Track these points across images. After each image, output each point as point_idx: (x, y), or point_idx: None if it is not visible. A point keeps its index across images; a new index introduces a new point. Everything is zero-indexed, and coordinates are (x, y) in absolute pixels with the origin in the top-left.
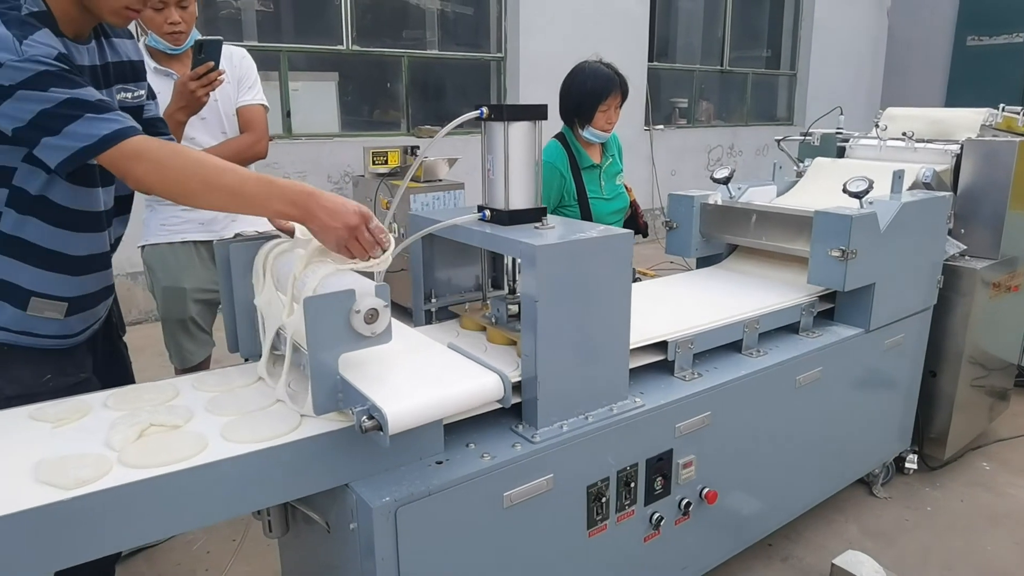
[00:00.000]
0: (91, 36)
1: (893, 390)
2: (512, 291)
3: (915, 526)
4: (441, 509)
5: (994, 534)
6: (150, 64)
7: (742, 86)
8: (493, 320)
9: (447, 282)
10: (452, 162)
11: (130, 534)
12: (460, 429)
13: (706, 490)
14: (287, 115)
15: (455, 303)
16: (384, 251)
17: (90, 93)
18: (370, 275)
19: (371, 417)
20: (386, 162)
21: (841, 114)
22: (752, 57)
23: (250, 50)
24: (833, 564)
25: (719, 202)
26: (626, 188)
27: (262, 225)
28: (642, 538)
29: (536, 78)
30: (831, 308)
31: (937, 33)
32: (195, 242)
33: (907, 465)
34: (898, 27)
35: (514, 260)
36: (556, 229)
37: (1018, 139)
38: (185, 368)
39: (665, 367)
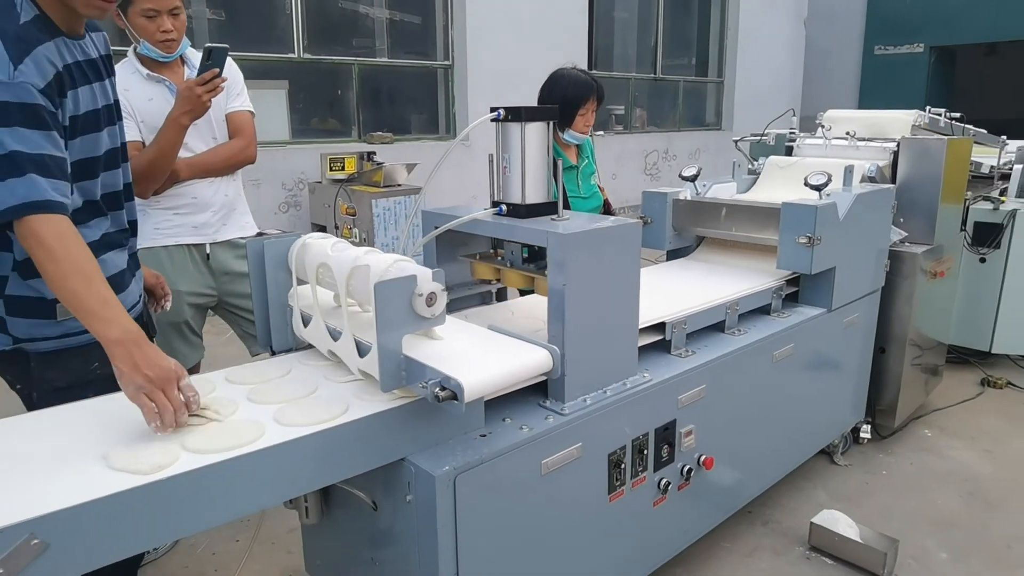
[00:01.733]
0: (85, 31)
1: (850, 365)
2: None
3: (875, 488)
4: (490, 477)
5: (942, 490)
6: (142, 71)
7: (674, 93)
8: (509, 264)
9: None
10: (411, 167)
11: (199, 517)
12: (494, 406)
13: (703, 457)
14: None
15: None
16: (194, 414)
17: (42, 145)
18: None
19: (444, 388)
20: (343, 168)
21: (794, 115)
22: (682, 65)
23: None
24: (812, 523)
25: (689, 198)
26: (599, 188)
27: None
28: (652, 502)
29: (483, 85)
30: (795, 291)
31: (848, 42)
32: (188, 245)
33: (862, 435)
34: (814, 37)
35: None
36: (571, 221)
37: (947, 138)
38: None
39: (662, 346)
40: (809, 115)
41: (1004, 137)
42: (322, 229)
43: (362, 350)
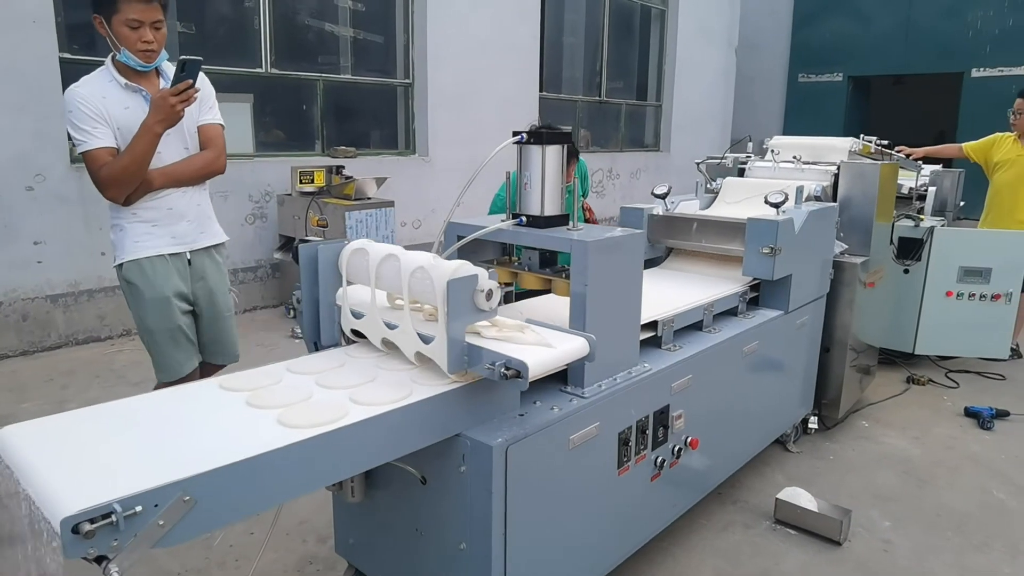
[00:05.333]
0: None
1: (801, 363)
2: None
3: (824, 471)
4: (532, 449)
5: (880, 471)
6: (119, 80)
7: (616, 116)
8: (526, 268)
9: None
10: (381, 181)
11: (305, 482)
12: (522, 392)
13: (690, 438)
14: None
15: None
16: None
17: None
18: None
19: (508, 368)
20: (312, 181)
21: (750, 141)
22: (624, 89)
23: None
24: (777, 499)
25: (661, 213)
26: (586, 207)
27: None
28: (650, 477)
29: (442, 104)
30: (756, 296)
31: (775, 70)
32: (169, 255)
33: (810, 425)
34: (744, 64)
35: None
36: (584, 230)
37: (880, 162)
38: (172, 381)
39: (653, 342)
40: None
41: (920, 162)
42: (290, 240)
43: (424, 340)
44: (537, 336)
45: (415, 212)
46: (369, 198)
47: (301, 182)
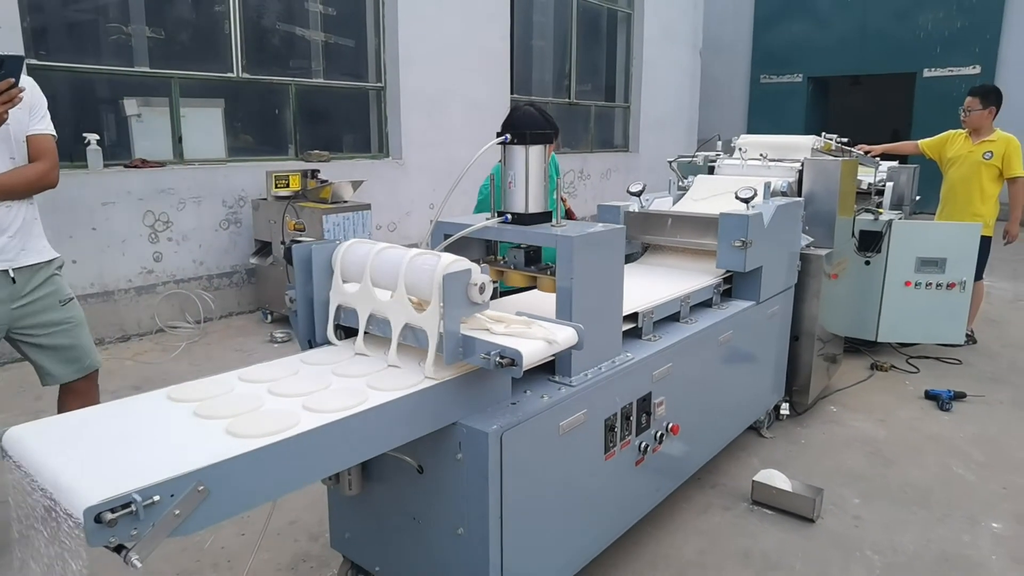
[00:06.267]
0: None
1: (773, 352)
2: None
3: (797, 454)
4: (525, 435)
5: (849, 453)
6: None
7: (586, 117)
8: (512, 266)
9: None
10: (357, 184)
11: (320, 467)
12: (513, 381)
13: (671, 424)
14: (179, 141)
15: None
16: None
17: None
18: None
19: (503, 357)
20: (288, 185)
21: (719, 140)
22: (593, 90)
23: (141, 76)
24: (754, 480)
25: (636, 210)
26: (563, 200)
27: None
28: (634, 462)
29: (414, 107)
30: (729, 288)
31: (737, 72)
32: None
33: (782, 412)
34: (708, 66)
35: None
36: (568, 227)
37: (840, 159)
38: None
39: (634, 333)
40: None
41: (878, 159)
42: (267, 245)
43: (418, 334)
44: (545, 331)
45: (390, 215)
46: (346, 201)
47: (276, 187)
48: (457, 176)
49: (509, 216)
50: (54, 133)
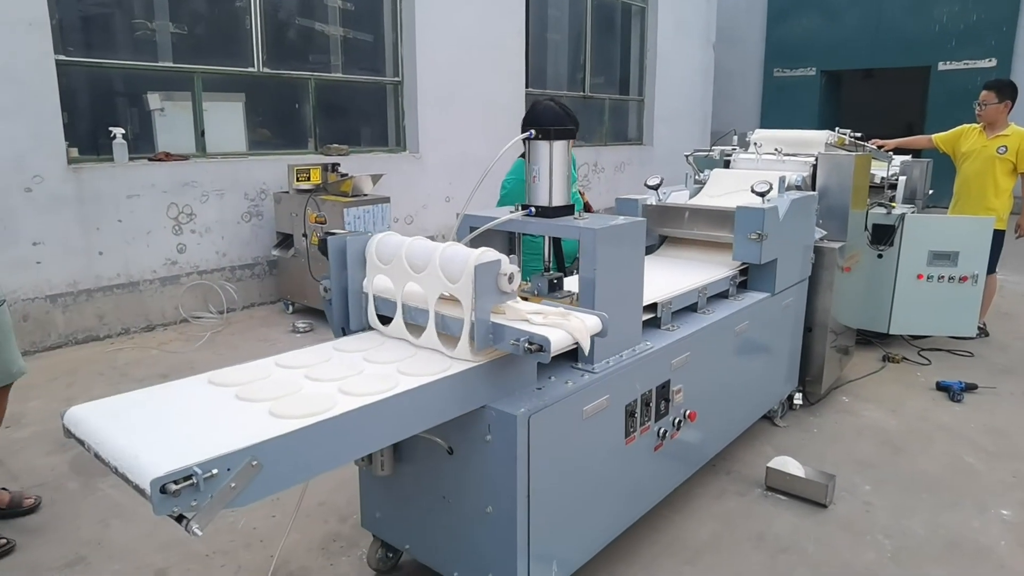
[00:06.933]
0: None
1: (787, 342)
2: (547, 268)
3: (809, 442)
4: (551, 419)
5: (860, 441)
6: None
7: (600, 110)
8: (535, 292)
9: None
10: (376, 178)
11: (364, 444)
12: (538, 367)
13: (689, 411)
14: (201, 135)
15: None
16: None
17: None
18: None
19: (532, 343)
20: (309, 178)
21: (735, 134)
22: (607, 84)
23: (165, 71)
24: (768, 467)
25: (654, 203)
26: (580, 192)
27: None
28: (653, 448)
29: (431, 100)
30: (744, 279)
31: (751, 65)
32: None
33: (795, 401)
34: (721, 59)
35: (550, 243)
36: (590, 219)
37: (854, 154)
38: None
39: (653, 322)
40: (718, 130)
41: (891, 153)
42: (288, 237)
43: (448, 322)
44: (581, 323)
45: (407, 208)
46: (365, 194)
47: (298, 180)
48: (484, 170)
49: (533, 209)
50: None
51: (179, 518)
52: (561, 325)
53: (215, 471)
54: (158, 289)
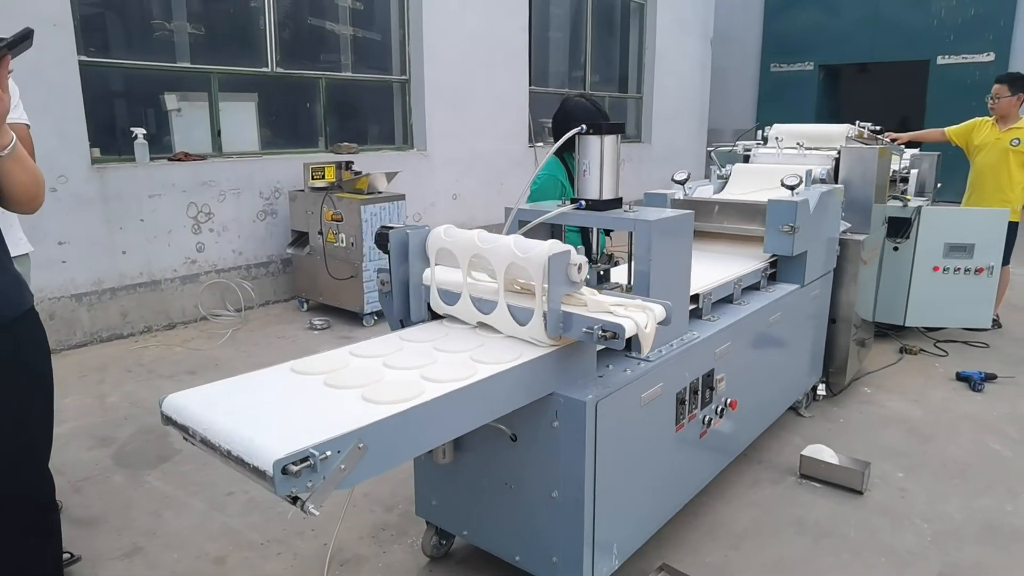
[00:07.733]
0: None
1: (813, 334)
2: (593, 260)
3: (836, 432)
4: (613, 406)
5: (885, 431)
6: None
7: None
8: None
9: None
10: (391, 176)
11: (452, 428)
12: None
13: (730, 400)
14: (218, 134)
15: None
16: None
17: None
18: None
19: (606, 331)
20: (323, 177)
21: (759, 129)
22: (607, 81)
23: (182, 72)
24: (802, 455)
25: (681, 197)
26: None
27: None
28: (699, 434)
29: (438, 99)
30: (774, 272)
31: (748, 61)
32: None
33: (819, 392)
34: (718, 54)
35: (596, 234)
36: (640, 212)
37: (877, 147)
38: None
39: (694, 313)
40: (715, 127)
41: (903, 146)
42: (303, 235)
43: (516, 312)
44: (652, 313)
45: (415, 205)
46: (380, 192)
47: (313, 178)
48: (536, 169)
49: (584, 203)
50: (28, 122)
51: (294, 499)
52: (634, 316)
53: (328, 453)
54: (179, 287)
